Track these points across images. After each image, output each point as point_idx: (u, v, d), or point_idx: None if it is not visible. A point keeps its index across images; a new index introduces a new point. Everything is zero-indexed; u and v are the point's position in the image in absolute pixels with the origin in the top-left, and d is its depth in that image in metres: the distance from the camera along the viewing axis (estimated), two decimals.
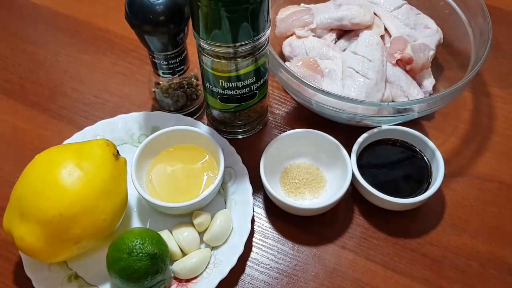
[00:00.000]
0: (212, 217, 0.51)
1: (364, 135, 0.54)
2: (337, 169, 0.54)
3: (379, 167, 0.55)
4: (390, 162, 0.56)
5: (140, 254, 0.44)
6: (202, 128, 0.56)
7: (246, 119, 0.57)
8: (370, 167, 0.54)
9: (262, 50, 0.49)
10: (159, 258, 0.45)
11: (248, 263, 0.51)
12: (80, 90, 0.65)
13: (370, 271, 0.50)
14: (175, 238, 0.50)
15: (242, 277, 0.50)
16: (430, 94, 0.60)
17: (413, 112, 0.53)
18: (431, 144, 0.53)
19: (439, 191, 0.50)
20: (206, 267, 0.49)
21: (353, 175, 0.52)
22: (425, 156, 0.54)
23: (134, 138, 0.58)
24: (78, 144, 0.49)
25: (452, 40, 0.63)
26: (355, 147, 0.53)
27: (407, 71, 0.59)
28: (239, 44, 0.46)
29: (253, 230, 0.53)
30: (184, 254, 0.50)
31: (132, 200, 0.53)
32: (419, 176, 0.54)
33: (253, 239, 0.53)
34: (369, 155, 0.55)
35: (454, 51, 0.63)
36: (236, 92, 0.51)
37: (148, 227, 0.52)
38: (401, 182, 0.54)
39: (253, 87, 0.52)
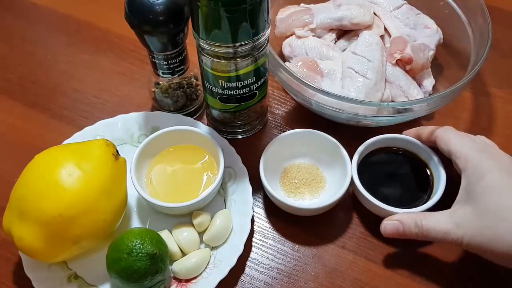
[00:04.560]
0: (211, 217, 0.51)
1: (367, 142, 0.53)
2: (337, 169, 0.54)
3: (380, 177, 0.54)
4: (391, 171, 0.55)
5: (140, 254, 0.44)
6: (202, 128, 0.56)
7: (246, 119, 0.57)
8: (370, 177, 0.53)
9: (262, 50, 0.49)
10: (158, 258, 0.45)
11: (247, 263, 0.51)
12: (80, 90, 0.65)
13: (370, 271, 0.50)
14: (175, 238, 0.50)
15: (242, 277, 0.50)
16: (430, 94, 0.60)
17: (413, 112, 0.53)
18: (435, 157, 0.52)
19: None
20: (206, 267, 0.49)
21: (354, 184, 0.51)
22: (427, 167, 0.53)
23: (134, 138, 0.58)
24: (77, 144, 0.49)
25: (452, 40, 0.63)
26: (356, 157, 0.52)
27: (407, 71, 0.59)
28: (239, 44, 0.46)
29: (253, 230, 0.53)
30: (183, 254, 0.50)
31: (132, 200, 0.53)
32: (420, 186, 0.53)
33: (253, 239, 0.53)
34: (370, 163, 0.54)
35: (454, 51, 0.63)
36: (236, 92, 0.51)
37: (147, 227, 0.52)
38: (401, 191, 0.53)
39: (253, 87, 0.52)
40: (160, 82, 0.58)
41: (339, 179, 0.53)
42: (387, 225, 0.48)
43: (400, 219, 0.47)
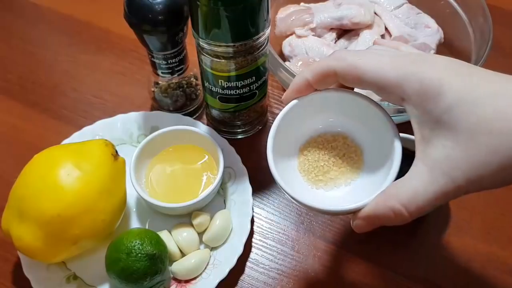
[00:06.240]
0: (211, 218, 0.51)
1: None
2: (373, 131, 0.39)
3: None
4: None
5: (139, 255, 0.44)
6: (201, 128, 0.56)
7: (245, 119, 0.57)
8: None
9: (262, 50, 0.48)
10: (158, 259, 0.45)
11: (247, 263, 0.51)
12: (79, 90, 0.65)
13: (370, 271, 0.50)
14: (174, 238, 0.50)
15: (242, 277, 0.50)
16: None
17: None
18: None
19: None
20: (206, 267, 0.49)
21: None
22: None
23: (133, 138, 0.58)
24: (77, 144, 0.49)
25: (453, 40, 0.63)
26: None
27: None
28: (239, 43, 0.45)
29: (253, 231, 0.53)
30: (183, 254, 0.50)
31: (131, 200, 0.53)
32: None
33: (253, 239, 0.52)
34: None
35: (454, 51, 0.63)
36: (235, 91, 0.51)
37: (147, 227, 0.52)
38: None
39: (253, 86, 0.51)
40: (160, 82, 0.58)
41: (379, 143, 0.38)
42: (360, 227, 0.36)
43: (371, 215, 0.35)
